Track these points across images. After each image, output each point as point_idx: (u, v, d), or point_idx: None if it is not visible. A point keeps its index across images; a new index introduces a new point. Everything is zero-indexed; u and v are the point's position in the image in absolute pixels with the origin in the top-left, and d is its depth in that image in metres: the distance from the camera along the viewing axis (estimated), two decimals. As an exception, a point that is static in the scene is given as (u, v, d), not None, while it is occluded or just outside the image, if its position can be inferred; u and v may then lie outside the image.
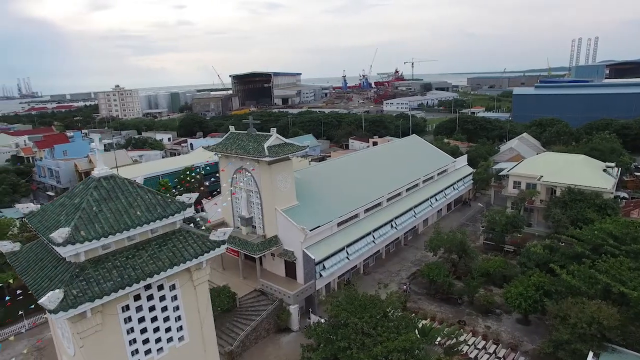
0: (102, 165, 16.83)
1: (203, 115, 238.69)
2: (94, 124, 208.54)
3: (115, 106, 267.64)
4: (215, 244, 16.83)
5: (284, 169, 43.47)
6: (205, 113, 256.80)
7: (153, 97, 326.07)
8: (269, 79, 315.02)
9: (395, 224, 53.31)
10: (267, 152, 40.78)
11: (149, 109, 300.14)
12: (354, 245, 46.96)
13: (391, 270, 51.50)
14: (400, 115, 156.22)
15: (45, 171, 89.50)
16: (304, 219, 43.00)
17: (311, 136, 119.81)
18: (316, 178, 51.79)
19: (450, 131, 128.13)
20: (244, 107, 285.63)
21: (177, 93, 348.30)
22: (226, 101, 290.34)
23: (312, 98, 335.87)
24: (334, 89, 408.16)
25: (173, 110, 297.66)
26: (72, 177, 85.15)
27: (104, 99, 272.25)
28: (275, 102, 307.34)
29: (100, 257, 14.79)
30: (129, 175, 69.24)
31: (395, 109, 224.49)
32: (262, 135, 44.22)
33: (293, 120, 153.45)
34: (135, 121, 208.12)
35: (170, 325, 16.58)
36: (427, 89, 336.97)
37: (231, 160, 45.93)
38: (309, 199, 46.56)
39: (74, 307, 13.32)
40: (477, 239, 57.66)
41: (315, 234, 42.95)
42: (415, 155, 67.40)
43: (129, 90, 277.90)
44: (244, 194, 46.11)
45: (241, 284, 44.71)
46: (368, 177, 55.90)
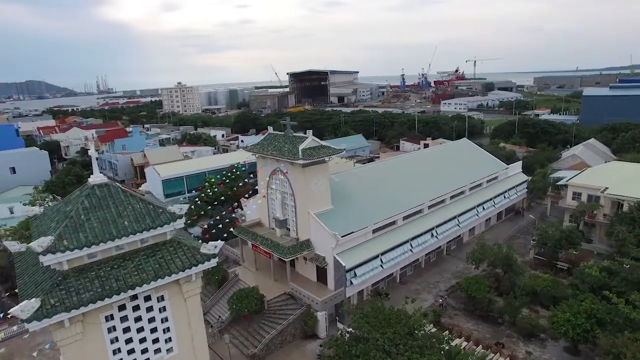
0: (98, 173, 16.85)
1: (259, 112, 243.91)
2: (156, 119, 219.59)
3: (177, 102, 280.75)
4: (206, 257, 16.32)
5: (319, 171, 42.61)
6: (261, 110, 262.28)
7: (213, 94, 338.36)
8: (326, 77, 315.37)
9: (436, 233, 50.74)
10: (301, 154, 40.10)
11: (208, 105, 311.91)
12: (390, 253, 45.16)
13: (429, 281, 49.08)
14: (456, 117, 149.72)
15: (106, 164, 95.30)
16: (338, 224, 41.93)
17: (360, 136, 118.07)
18: (355, 181, 50.45)
19: (508, 134, 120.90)
20: (300, 104, 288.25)
21: (235, 90, 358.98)
22: (282, 99, 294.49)
23: (368, 97, 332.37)
24: (391, 87, 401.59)
25: (231, 107, 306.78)
26: (128, 170, 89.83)
27: (167, 95, 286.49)
28: (331, 100, 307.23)
29: (85, 266, 14.77)
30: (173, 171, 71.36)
31: (453, 109, 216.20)
32: (298, 137, 43.62)
33: (345, 119, 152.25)
34: (194, 117, 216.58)
35: (158, 337, 16.36)
36: (488, 89, 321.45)
37: (267, 161, 45.85)
38: (345, 203, 45.40)
39: (49, 316, 13.32)
40: (527, 253, 53.52)
41: (348, 240, 41.73)
42: (464, 160, 63.85)
43: (190, 87, 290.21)
44: (278, 195, 45.89)
45: (272, 285, 44.54)
46: (410, 182, 53.64)
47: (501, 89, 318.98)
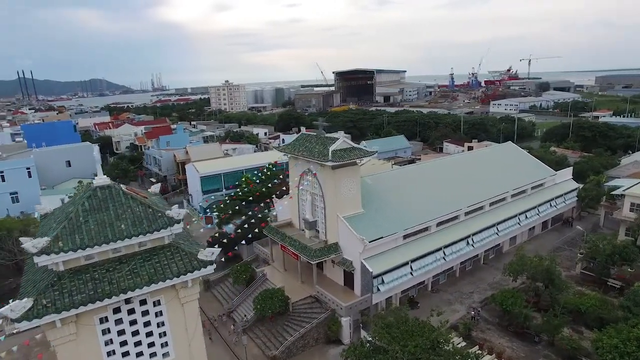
0: (101, 175, 16.99)
1: (304, 111, 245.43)
2: (204, 116, 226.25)
3: (224, 100, 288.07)
4: (202, 263, 16.03)
5: (349, 174, 41.73)
6: (306, 109, 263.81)
7: (259, 92, 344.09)
8: (372, 76, 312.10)
9: (472, 241, 48.37)
10: (331, 156, 39.40)
11: (255, 103, 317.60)
12: (421, 260, 43.52)
13: (463, 291, 46.85)
14: (505, 118, 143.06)
15: (151, 159, 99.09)
16: (367, 228, 40.91)
17: (402, 137, 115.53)
18: (389, 184, 49.08)
19: (562, 138, 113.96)
20: (345, 104, 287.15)
21: (281, 88, 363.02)
22: (327, 97, 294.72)
23: (414, 96, 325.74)
24: (439, 87, 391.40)
25: (277, 105, 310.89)
26: (171, 166, 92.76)
27: (215, 93, 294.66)
28: (377, 99, 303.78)
29: (80, 267, 14.89)
30: (211, 168, 72.67)
31: (503, 110, 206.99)
32: (329, 139, 42.99)
33: (388, 120, 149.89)
34: (239, 114, 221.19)
35: (153, 340, 16.30)
36: (543, 89, 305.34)
37: (298, 162, 45.53)
38: (377, 206, 44.25)
39: (39, 317, 13.52)
40: (573, 267, 49.87)
41: (377, 245, 40.58)
42: (507, 165, 60.52)
43: (237, 85, 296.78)
44: (308, 196, 45.45)
45: (298, 287, 44.21)
46: (448, 187, 51.49)
47: (557, 89, 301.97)
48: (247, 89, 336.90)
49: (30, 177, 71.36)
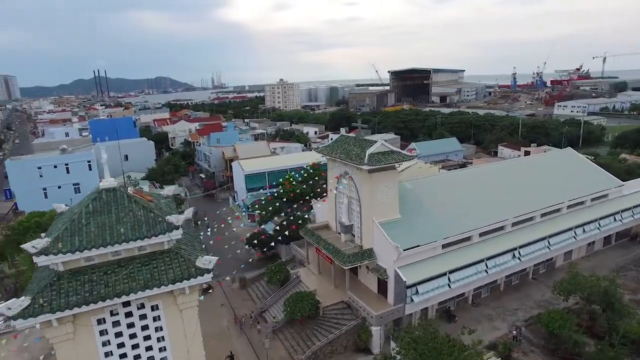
0: (109, 177, 17.13)
1: (357, 110, 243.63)
2: (257, 114, 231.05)
3: (278, 98, 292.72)
4: (200, 271, 15.70)
5: (387, 178, 40.31)
6: (360, 108, 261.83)
7: (313, 91, 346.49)
8: (428, 75, 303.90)
9: (519, 254, 45.07)
10: (368, 159, 38.21)
11: (308, 102, 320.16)
12: (460, 272, 41.13)
13: (506, 307, 43.82)
14: (570, 121, 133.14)
15: (201, 156, 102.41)
16: (403, 235, 39.31)
17: (454, 140, 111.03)
18: (431, 189, 46.95)
19: (635, 144, 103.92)
20: (399, 103, 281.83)
21: (336, 87, 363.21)
22: (381, 97, 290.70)
23: (473, 97, 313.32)
24: (499, 87, 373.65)
25: (330, 104, 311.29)
26: (220, 163, 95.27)
27: (270, 91, 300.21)
28: (433, 99, 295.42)
29: (80, 268, 15.09)
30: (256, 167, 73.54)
31: (569, 112, 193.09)
32: (367, 141, 41.79)
33: (442, 121, 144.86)
34: (292, 113, 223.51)
35: (151, 344, 16.25)
36: (619, 89, 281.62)
37: (336, 164, 44.73)
38: (416, 213, 42.45)
39: (34, 316, 13.87)
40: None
41: (412, 253, 38.87)
42: (565, 173, 55.89)
43: (291, 83, 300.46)
44: (345, 200, 44.52)
45: (331, 292, 43.47)
46: (495, 194, 48.42)
47: (636, 89, 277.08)
48: (302, 88, 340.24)
49: (91, 169, 76.06)
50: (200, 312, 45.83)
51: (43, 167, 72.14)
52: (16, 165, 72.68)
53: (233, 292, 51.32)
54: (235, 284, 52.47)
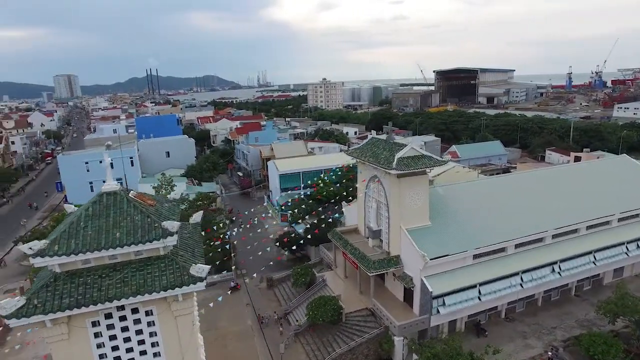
0: (111, 181, 17.19)
1: (400, 111, 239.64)
2: (299, 113, 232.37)
3: (321, 97, 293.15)
4: (192, 279, 15.40)
5: (417, 183, 38.84)
6: (403, 108, 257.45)
7: (357, 90, 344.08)
8: (475, 75, 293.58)
9: (559, 269, 42.13)
10: (396, 163, 36.96)
11: (351, 102, 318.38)
12: (492, 284, 38.96)
13: (543, 325, 41.08)
14: (630, 125, 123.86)
15: (240, 154, 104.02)
16: (432, 243, 37.76)
17: (498, 143, 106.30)
18: (466, 196, 44.94)
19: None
20: (443, 104, 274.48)
21: (379, 87, 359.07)
22: (426, 97, 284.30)
23: (522, 98, 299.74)
24: (552, 88, 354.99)
25: (373, 104, 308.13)
26: (257, 161, 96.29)
27: (312, 90, 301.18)
28: (479, 100, 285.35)
29: (76, 270, 15.27)
30: (291, 167, 73.56)
31: (632, 115, 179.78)
32: (397, 145, 40.46)
33: (486, 123, 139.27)
34: (334, 112, 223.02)
35: (145, 349, 16.22)
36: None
37: (366, 167, 43.73)
38: (447, 220, 40.69)
39: (27, 316, 14.12)
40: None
41: (440, 263, 37.23)
42: (617, 183, 51.68)
43: (334, 82, 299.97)
44: (374, 204, 43.43)
45: (356, 297, 42.58)
46: (536, 203, 45.52)
47: None
48: (345, 87, 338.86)
49: (133, 165, 79.13)
50: (227, 310, 46.63)
51: (90, 162, 75.88)
52: (66, 160, 76.91)
53: (260, 291, 51.52)
54: (262, 283, 52.66)
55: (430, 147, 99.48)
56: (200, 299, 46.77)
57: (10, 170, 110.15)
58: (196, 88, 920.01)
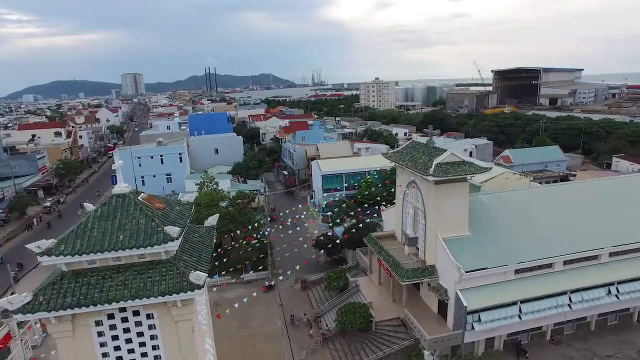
0: (122, 183, 17.32)
1: (455, 112, 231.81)
2: (350, 112, 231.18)
3: (373, 97, 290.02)
4: (191, 286, 15.17)
5: (456, 191, 36.89)
6: (457, 109, 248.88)
7: (410, 90, 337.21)
8: (537, 75, 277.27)
9: (616, 290, 38.32)
10: (434, 169, 35.26)
11: (404, 102, 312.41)
12: (535, 303, 36.16)
13: (596, 352, 37.46)
14: None
15: (286, 153, 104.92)
16: (470, 255, 35.74)
17: (557, 148, 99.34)
18: (512, 205, 42.16)
19: None
20: (501, 105, 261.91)
21: (433, 87, 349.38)
22: (482, 98, 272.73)
23: (590, 99, 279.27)
24: (627, 87, 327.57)
25: (427, 104, 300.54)
26: (303, 161, 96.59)
27: (364, 90, 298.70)
28: (541, 102, 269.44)
29: (82, 270, 15.63)
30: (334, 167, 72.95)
31: None
32: (437, 149, 38.69)
33: (546, 126, 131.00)
34: (385, 112, 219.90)
35: (146, 351, 16.28)
36: None
37: (404, 172, 42.23)
38: (489, 231, 38.33)
39: (32, 312, 14.57)
40: None
41: (478, 276, 35.09)
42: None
43: (386, 82, 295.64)
44: (411, 210, 41.84)
45: (388, 306, 41.26)
46: (593, 217, 41.79)
47: None
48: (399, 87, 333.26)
49: (181, 161, 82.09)
50: (260, 309, 46.89)
51: (142, 157, 79.61)
52: (121, 155, 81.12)
53: (294, 292, 51.41)
54: (297, 284, 52.52)
55: (481, 150, 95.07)
56: (235, 297, 47.86)
57: (77, 163, 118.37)
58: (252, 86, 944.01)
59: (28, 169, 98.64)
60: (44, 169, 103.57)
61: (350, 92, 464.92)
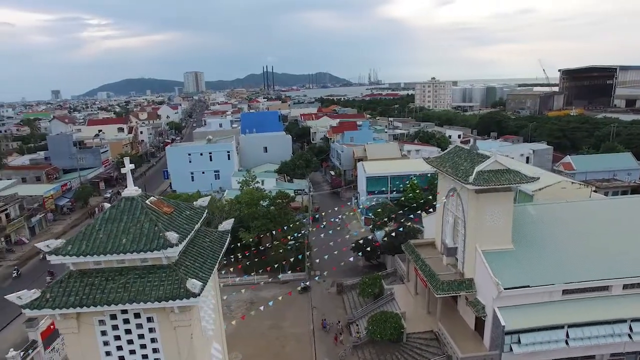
0: (132, 186, 17.44)
1: (516, 113, 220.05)
2: (404, 113, 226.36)
3: (429, 97, 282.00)
4: (187, 293, 14.97)
5: (499, 201, 34.56)
6: (518, 111, 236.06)
7: (468, 90, 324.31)
8: (612, 74, 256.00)
9: (685, 320, 33.97)
10: (475, 177, 33.23)
11: (462, 102, 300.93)
12: (586, 328, 32.88)
13: (657, 387, 33.60)
14: None
15: (334, 153, 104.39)
16: (511, 270, 33.37)
17: (628, 155, 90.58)
18: (564, 218, 38.66)
19: None
20: (568, 107, 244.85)
21: (493, 87, 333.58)
22: (546, 99, 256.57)
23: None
24: None
25: (485, 105, 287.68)
26: (350, 161, 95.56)
27: (420, 90, 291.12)
28: (615, 103, 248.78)
29: (87, 270, 15.98)
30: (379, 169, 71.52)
31: None
32: (480, 156, 36.47)
33: (617, 131, 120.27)
34: (440, 113, 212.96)
35: (147, 353, 16.37)
36: None
37: (444, 178, 40.28)
38: (536, 246, 35.54)
39: (39, 308, 15.10)
40: None
41: (519, 294, 32.59)
42: None
43: (442, 82, 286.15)
44: (451, 219, 39.82)
45: (422, 317, 39.65)
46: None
47: None
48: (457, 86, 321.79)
49: (229, 159, 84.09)
50: (293, 311, 46.83)
51: (192, 154, 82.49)
52: (173, 151, 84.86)
53: (329, 296, 50.87)
54: (333, 288, 51.90)
55: (539, 156, 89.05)
56: (270, 296, 48.11)
57: (136, 157, 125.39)
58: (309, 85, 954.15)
59: (93, 162, 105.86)
60: (106, 162, 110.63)
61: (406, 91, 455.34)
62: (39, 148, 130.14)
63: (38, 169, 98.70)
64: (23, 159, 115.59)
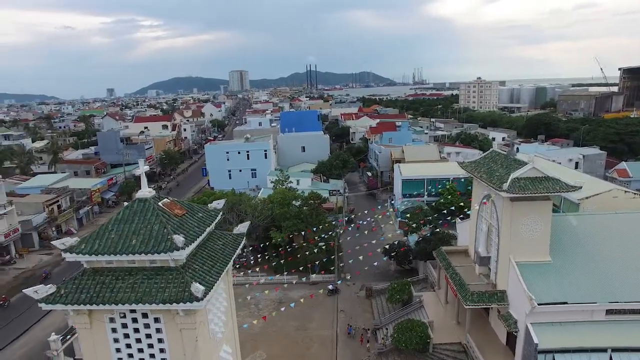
0: (145, 187, 17.62)
1: (568, 115, 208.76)
2: (447, 114, 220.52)
3: (473, 98, 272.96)
4: (190, 297, 14.94)
5: (536, 210, 32.70)
6: (571, 112, 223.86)
7: (516, 91, 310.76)
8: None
9: None
10: (510, 185, 31.58)
11: (509, 103, 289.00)
12: (634, 354, 30.23)
13: None
14: None
15: (372, 154, 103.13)
16: (547, 284, 31.49)
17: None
18: (609, 230, 35.86)
19: None
20: (628, 109, 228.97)
21: (544, 87, 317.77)
22: (603, 100, 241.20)
23: None
24: None
25: (535, 106, 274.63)
26: (387, 163, 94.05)
27: (465, 90, 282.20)
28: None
29: (99, 269, 16.35)
30: (415, 172, 70.00)
31: None
32: (517, 162, 34.59)
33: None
34: (485, 114, 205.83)
35: (154, 353, 16.57)
36: None
37: (479, 184, 38.63)
38: (576, 259, 33.31)
39: (53, 303, 15.66)
40: None
41: (555, 311, 30.62)
42: None
43: (488, 82, 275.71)
44: (485, 227, 38.16)
45: (450, 328, 38.24)
46: None
47: None
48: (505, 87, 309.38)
49: (266, 158, 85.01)
50: (320, 312, 46.65)
51: (230, 152, 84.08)
52: (211, 149, 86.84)
53: (358, 299, 50.20)
54: (362, 291, 51.19)
55: (590, 161, 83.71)
56: (298, 297, 48.11)
57: (178, 154, 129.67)
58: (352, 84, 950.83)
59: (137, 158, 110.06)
60: (150, 158, 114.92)
61: (451, 92, 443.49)
62: (91, 143, 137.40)
63: (88, 163, 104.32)
64: (76, 153, 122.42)
